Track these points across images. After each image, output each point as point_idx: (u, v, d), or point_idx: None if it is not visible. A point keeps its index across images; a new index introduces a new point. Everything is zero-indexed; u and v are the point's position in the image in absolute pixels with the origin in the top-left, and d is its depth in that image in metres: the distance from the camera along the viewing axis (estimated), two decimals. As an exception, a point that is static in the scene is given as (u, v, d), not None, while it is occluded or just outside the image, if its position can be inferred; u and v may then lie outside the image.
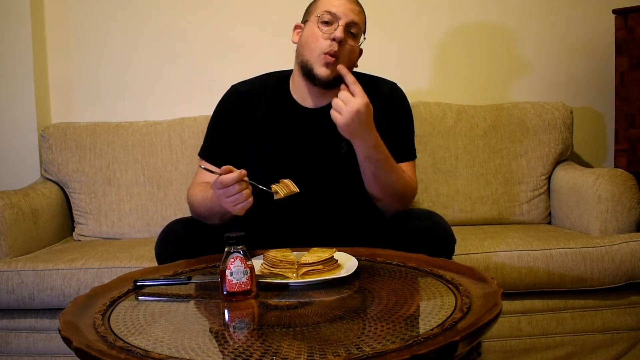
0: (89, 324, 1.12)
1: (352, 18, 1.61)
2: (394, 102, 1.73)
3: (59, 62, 2.61)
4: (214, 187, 1.41)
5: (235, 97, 1.73)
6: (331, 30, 1.60)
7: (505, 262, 1.91)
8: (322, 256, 1.35)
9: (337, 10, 1.60)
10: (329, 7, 1.61)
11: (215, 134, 1.72)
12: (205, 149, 1.73)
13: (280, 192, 1.44)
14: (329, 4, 1.63)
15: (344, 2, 1.62)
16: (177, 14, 2.61)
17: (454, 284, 1.24)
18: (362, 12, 1.67)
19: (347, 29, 1.61)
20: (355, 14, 1.62)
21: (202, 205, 1.57)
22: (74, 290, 1.91)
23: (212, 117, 1.75)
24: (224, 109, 1.73)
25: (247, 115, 1.70)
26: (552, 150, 2.38)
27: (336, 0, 1.62)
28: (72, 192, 2.41)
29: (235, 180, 1.37)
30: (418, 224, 1.54)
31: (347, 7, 1.62)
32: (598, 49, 2.63)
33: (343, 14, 1.60)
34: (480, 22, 2.63)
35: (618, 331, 1.98)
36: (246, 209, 1.42)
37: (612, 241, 1.93)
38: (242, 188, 1.39)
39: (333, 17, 1.60)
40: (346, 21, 1.60)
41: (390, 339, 0.99)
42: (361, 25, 1.64)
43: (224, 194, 1.39)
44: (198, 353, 0.98)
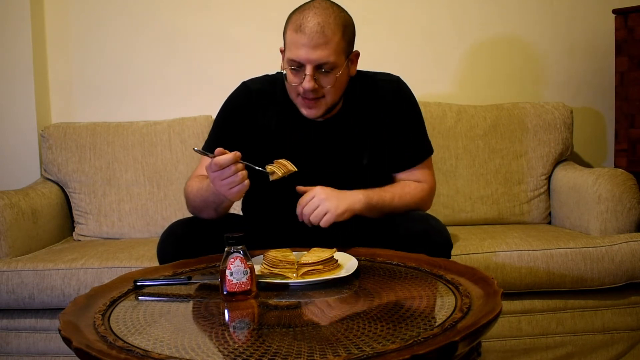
0: (89, 324, 1.12)
1: (318, 58, 1.47)
2: (400, 101, 1.66)
3: (59, 62, 2.61)
4: (209, 171, 1.38)
5: (245, 95, 1.67)
6: (300, 77, 1.50)
7: (505, 262, 1.91)
8: (322, 256, 1.35)
9: (301, 58, 1.48)
10: (293, 54, 1.49)
11: (222, 131, 1.67)
12: (209, 144, 1.65)
13: (278, 171, 1.43)
14: (293, 46, 1.49)
15: (307, 40, 1.46)
16: (177, 14, 2.61)
17: (454, 284, 1.24)
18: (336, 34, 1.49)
19: (318, 69, 1.50)
20: (321, 50, 1.47)
21: (197, 196, 1.55)
22: (73, 290, 1.91)
23: (220, 113, 1.70)
24: (233, 106, 1.68)
25: (257, 115, 1.64)
26: (552, 150, 2.38)
27: (299, 39, 1.47)
28: (72, 192, 2.41)
29: (230, 162, 1.34)
30: (413, 227, 1.52)
31: (309, 49, 1.47)
32: (598, 49, 2.63)
33: (307, 60, 1.48)
34: (481, 22, 2.63)
35: (618, 331, 1.98)
36: (243, 193, 1.39)
37: (612, 241, 1.93)
38: (237, 169, 1.35)
39: (299, 64, 1.50)
40: (312, 66, 1.48)
41: (390, 339, 0.99)
42: (334, 57, 1.49)
43: (219, 176, 1.36)
44: (198, 353, 0.98)
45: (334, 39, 1.48)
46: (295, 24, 1.48)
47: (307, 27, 1.46)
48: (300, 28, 1.47)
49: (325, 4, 1.52)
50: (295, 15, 1.51)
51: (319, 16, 1.47)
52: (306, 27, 1.46)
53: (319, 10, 1.48)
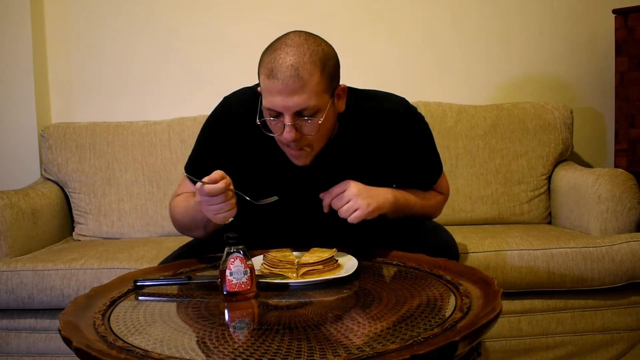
0: (89, 324, 1.12)
1: (297, 106, 1.32)
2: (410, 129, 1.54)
3: (59, 62, 2.61)
4: (198, 194, 1.32)
5: (226, 118, 1.54)
6: (280, 127, 1.35)
7: (505, 262, 1.91)
8: (322, 256, 1.35)
9: (277, 107, 1.33)
10: (268, 102, 1.34)
11: (203, 152, 1.58)
12: (191, 165, 1.59)
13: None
14: (268, 95, 1.34)
15: (281, 86, 1.30)
16: (177, 14, 2.61)
17: (454, 284, 1.24)
18: (314, 74, 1.31)
19: (299, 116, 1.34)
20: (298, 95, 1.31)
21: (185, 215, 1.51)
22: (73, 290, 1.91)
23: (202, 132, 1.59)
24: (212, 129, 1.57)
25: (238, 140, 1.53)
26: (552, 150, 2.38)
27: (273, 85, 1.31)
28: (72, 192, 2.41)
29: (221, 192, 1.29)
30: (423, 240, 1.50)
31: (285, 96, 1.31)
32: (598, 49, 2.63)
33: (283, 108, 1.32)
34: (481, 22, 2.63)
35: (618, 331, 1.98)
36: (229, 219, 1.35)
37: (612, 241, 1.93)
38: (227, 197, 1.30)
39: (277, 112, 1.35)
40: (290, 114, 1.33)
41: (390, 339, 0.99)
42: (314, 101, 1.33)
43: (207, 202, 1.31)
44: (198, 353, 0.98)
45: (311, 80, 1.31)
46: (267, 68, 1.32)
47: (279, 72, 1.30)
48: (272, 73, 1.31)
49: (298, 38, 1.34)
50: (267, 57, 1.34)
51: (292, 56, 1.30)
52: (278, 71, 1.30)
53: (291, 49, 1.32)
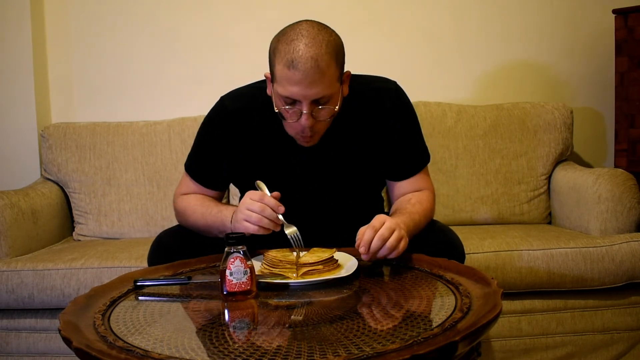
0: (89, 324, 1.12)
1: (315, 94, 1.38)
2: (398, 111, 1.58)
3: (59, 62, 2.62)
4: (250, 196, 1.39)
5: (222, 116, 1.58)
6: (296, 114, 1.41)
7: (505, 262, 1.91)
8: (322, 256, 1.35)
9: (295, 94, 1.38)
10: (286, 90, 1.38)
11: (200, 152, 1.62)
12: (190, 165, 1.63)
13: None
14: (286, 83, 1.37)
15: (302, 77, 1.35)
16: (177, 14, 2.61)
17: (454, 284, 1.24)
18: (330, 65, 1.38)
19: (314, 103, 1.40)
20: (317, 86, 1.36)
21: (201, 219, 1.53)
22: (73, 290, 1.91)
23: (199, 131, 1.64)
24: (209, 128, 1.61)
25: (234, 137, 1.56)
26: (552, 150, 2.38)
27: (293, 76, 1.35)
28: (72, 192, 2.41)
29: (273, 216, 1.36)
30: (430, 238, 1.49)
31: (305, 86, 1.36)
32: (598, 49, 2.63)
33: (303, 97, 1.37)
34: (481, 22, 2.64)
35: (618, 331, 1.98)
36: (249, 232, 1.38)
37: (612, 241, 1.93)
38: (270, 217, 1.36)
39: (294, 100, 1.40)
40: (309, 102, 1.38)
41: (390, 339, 0.99)
42: (330, 90, 1.40)
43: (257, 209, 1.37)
44: (198, 353, 0.98)
45: (329, 71, 1.38)
46: (286, 58, 1.36)
47: (300, 63, 1.34)
48: (292, 64, 1.35)
49: (313, 30, 1.38)
50: (284, 47, 1.38)
51: (311, 48, 1.35)
52: (299, 62, 1.34)
53: (309, 41, 1.36)
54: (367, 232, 1.33)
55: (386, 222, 1.34)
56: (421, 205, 1.54)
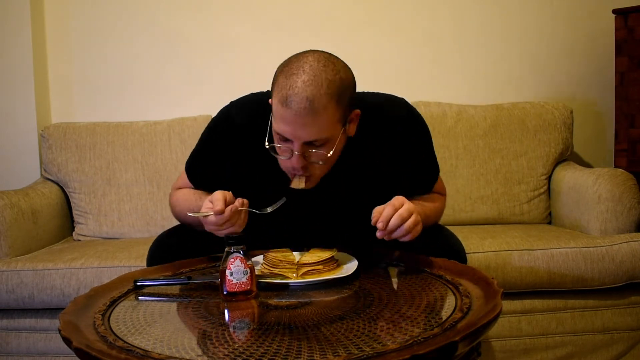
0: (89, 324, 1.12)
1: (308, 138, 1.29)
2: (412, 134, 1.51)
3: (59, 62, 2.62)
4: (205, 223, 1.35)
5: (227, 127, 1.52)
6: (288, 152, 1.33)
7: (505, 262, 1.91)
8: (322, 256, 1.35)
9: (285, 133, 1.30)
10: (278, 126, 1.30)
11: (202, 157, 1.58)
12: (191, 167, 1.60)
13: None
14: (279, 119, 1.30)
15: (294, 117, 1.26)
16: (177, 14, 2.61)
17: (454, 284, 1.24)
18: (328, 106, 1.27)
19: (308, 144, 1.31)
20: (310, 127, 1.27)
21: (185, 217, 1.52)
22: (73, 290, 1.91)
23: (203, 136, 1.59)
24: (213, 136, 1.56)
25: (238, 150, 1.51)
26: (552, 150, 2.38)
27: (285, 114, 1.27)
28: (72, 192, 2.41)
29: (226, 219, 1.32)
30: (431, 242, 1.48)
31: (297, 127, 1.27)
32: (598, 49, 2.63)
33: (294, 137, 1.29)
34: (480, 22, 2.64)
35: (618, 331, 1.98)
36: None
37: (612, 241, 1.93)
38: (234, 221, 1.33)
39: (286, 139, 1.32)
40: (301, 144, 1.30)
41: (390, 339, 0.99)
42: (326, 133, 1.30)
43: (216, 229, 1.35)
44: (198, 353, 0.98)
45: (325, 113, 1.27)
46: (282, 94, 1.28)
47: (293, 102, 1.26)
48: (286, 102, 1.26)
49: (317, 64, 1.28)
50: (283, 80, 1.29)
51: (309, 87, 1.25)
52: (292, 101, 1.26)
53: (308, 77, 1.26)
54: (386, 209, 1.28)
55: (405, 204, 1.30)
56: (433, 202, 1.55)
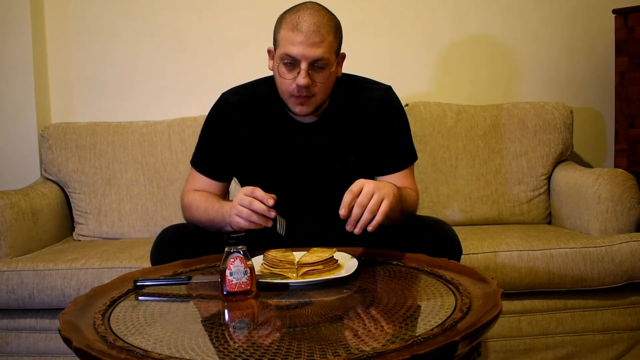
0: (89, 324, 1.12)
1: (315, 55, 1.50)
2: (389, 109, 1.67)
3: (59, 62, 2.61)
4: (243, 191, 1.42)
5: (224, 109, 1.69)
6: (294, 73, 1.52)
7: (505, 262, 1.91)
8: (322, 256, 1.35)
9: (296, 53, 1.50)
10: (287, 49, 1.51)
11: (206, 145, 1.71)
12: (197, 159, 1.71)
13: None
14: (288, 43, 1.51)
15: (304, 38, 1.49)
16: (177, 15, 2.61)
17: (454, 284, 1.24)
18: (330, 34, 1.53)
19: (312, 65, 1.52)
20: (317, 48, 1.50)
21: (204, 215, 1.57)
22: (74, 290, 1.91)
23: (203, 127, 1.73)
24: (213, 121, 1.71)
25: (237, 127, 1.67)
26: (552, 150, 2.38)
27: (296, 37, 1.50)
28: (72, 192, 2.41)
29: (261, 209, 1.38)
30: (426, 232, 1.52)
31: (306, 46, 1.49)
32: (598, 49, 2.63)
33: (302, 56, 1.50)
34: (480, 22, 2.63)
35: (618, 331, 1.98)
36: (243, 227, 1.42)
37: (612, 241, 1.93)
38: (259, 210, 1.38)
39: (293, 59, 1.51)
40: (308, 62, 1.51)
41: (390, 339, 0.99)
42: (328, 55, 1.53)
43: (247, 203, 1.39)
44: (198, 353, 0.98)
45: (328, 38, 1.52)
46: (291, 23, 1.51)
47: (303, 26, 1.50)
48: (297, 27, 1.50)
49: (317, 6, 1.56)
50: (289, 15, 1.54)
51: (314, 16, 1.52)
52: (302, 25, 1.50)
53: (313, 12, 1.53)
54: (345, 195, 1.37)
55: (364, 187, 1.37)
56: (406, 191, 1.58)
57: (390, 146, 1.65)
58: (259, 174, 1.64)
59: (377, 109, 1.65)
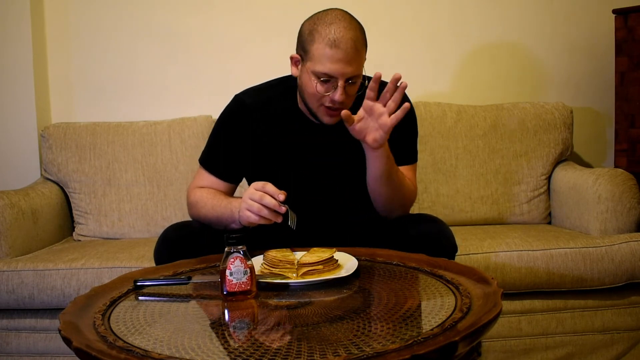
0: (89, 324, 1.12)
1: (352, 73, 1.50)
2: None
3: (59, 62, 2.61)
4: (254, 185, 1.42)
5: (239, 110, 1.67)
6: (330, 89, 1.51)
7: (505, 262, 1.91)
8: (322, 256, 1.35)
9: (335, 73, 1.49)
10: (326, 67, 1.49)
11: (218, 145, 1.70)
12: (207, 158, 1.71)
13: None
14: (326, 61, 1.48)
15: (343, 56, 1.47)
16: (178, 14, 2.61)
17: (454, 284, 1.24)
18: (363, 48, 1.53)
19: (347, 81, 1.51)
20: (355, 65, 1.50)
21: (212, 211, 1.57)
22: (74, 290, 1.91)
23: (216, 126, 1.72)
24: (227, 121, 1.69)
25: (252, 129, 1.66)
26: (552, 150, 2.38)
27: (334, 54, 1.47)
28: (72, 192, 2.41)
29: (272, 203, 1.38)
30: (421, 229, 1.53)
31: (345, 64, 1.48)
32: (598, 49, 2.63)
33: (341, 75, 1.49)
34: (480, 22, 2.63)
35: (618, 331, 1.98)
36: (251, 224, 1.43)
37: (612, 241, 1.93)
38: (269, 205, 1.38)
39: (330, 77, 1.50)
40: (345, 79, 1.50)
41: (390, 339, 0.99)
42: (361, 71, 1.53)
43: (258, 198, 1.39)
44: (198, 353, 0.98)
45: (362, 53, 1.53)
46: (328, 38, 1.48)
47: (342, 43, 1.47)
48: (335, 44, 1.47)
49: (347, 15, 1.53)
50: (324, 28, 1.49)
51: (351, 31, 1.49)
52: (341, 42, 1.47)
53: (347, 24, 1.50)
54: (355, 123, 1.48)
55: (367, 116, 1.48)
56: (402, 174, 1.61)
57: (396, 143, 1.62)
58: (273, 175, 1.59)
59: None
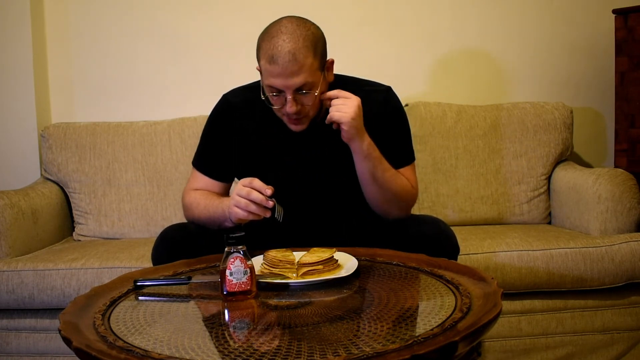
0: (89, 324, 1.12)
1: (296, 84, 1.48)
2: (389, 108, 1.67)
3: (59, 62, 2.61)
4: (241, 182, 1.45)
5: (226, 109, 1.70)
6: (282, 100, 1.52)
7: (505, 262, 1.91)
8: (322, 256, 1.35)
9: (278, 85, 1.49)
10: (269, 81, 1.50)
11: (208, 145, 1.72)
12: (198, 159, 1.73)
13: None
14: (269, 75, 1.50)
15: (281, 70, 1.47)
16: (178, 15, 2.61)
17: (454, 284, 1.24)
18: (308, 56, 1.48)
19: (297, 91, 1.50)
20: (297, 76, 1.47)
21: (204, 212, 1.59)
22: (74, 290, 1.91)
23: (205, 127, 1.74)
24: (215, 121, 1.72)
25: (238, 128, 1.67)
26: (552, 150, 2.38)
27: (274, 69, 1.48)
28: (72, 192, 2.41)
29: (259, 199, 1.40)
30: (423, 230, 1.53)
31: (285, 78, 1.47)
32: (598, 49, 2.63)
33: (285, 87, 1.49)
34: (480, 22, 2.63)
35: (618, 331, 1.98)
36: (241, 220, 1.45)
37: (612, 241, 1.93)
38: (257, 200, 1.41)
39: (278, 90, 1.51)
40: (291, 91, 1.49)
41: (390, 339, 0.99)
42: (311, 78, 1.50)
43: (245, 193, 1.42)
44: (198, 353, 0.98)
45: (306, 62, 1.48)
46: (267, 54, 1.48)
47: (279, 58, 1.46)
48: (272, 59, 1.47)
49: (291, 25, 1.50)
50: (265, 44, 1.50)
51: (289, 43, 1.47)
52: (278, 57, 1.46)
53: (287, 37, 1.48)
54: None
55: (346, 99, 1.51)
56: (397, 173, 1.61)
57: (389, 145, 1.64)
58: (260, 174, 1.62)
59: (377, 110, 1.63)
